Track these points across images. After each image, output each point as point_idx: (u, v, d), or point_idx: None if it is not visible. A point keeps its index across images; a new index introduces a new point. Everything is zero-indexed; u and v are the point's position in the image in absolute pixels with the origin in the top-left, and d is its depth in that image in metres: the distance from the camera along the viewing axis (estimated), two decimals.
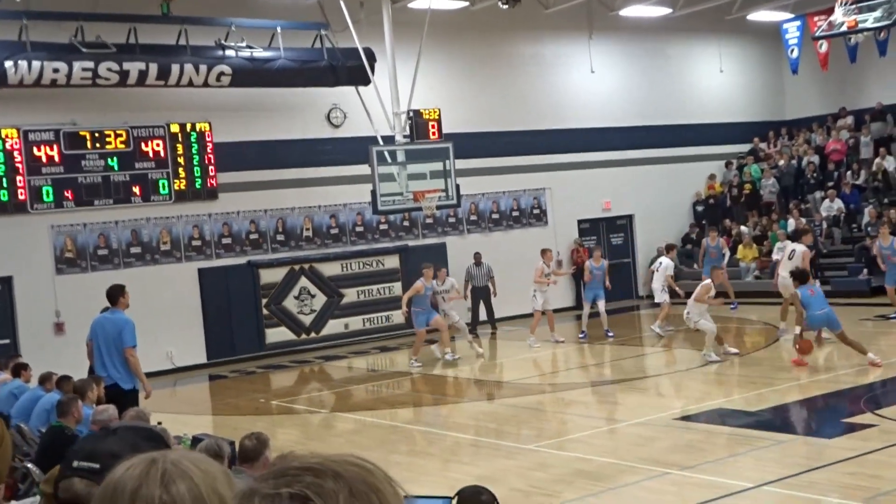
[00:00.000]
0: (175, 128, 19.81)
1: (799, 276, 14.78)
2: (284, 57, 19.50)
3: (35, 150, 18.50)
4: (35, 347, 17.16)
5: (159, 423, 7.94)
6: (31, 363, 12.93)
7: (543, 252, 19.38)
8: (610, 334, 19.15)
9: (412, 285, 17.99)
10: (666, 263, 19.41)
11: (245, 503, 1.21)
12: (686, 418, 11.64)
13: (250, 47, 19.21)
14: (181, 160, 19.89)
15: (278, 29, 19.52)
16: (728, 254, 21.93)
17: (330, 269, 21.73)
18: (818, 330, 14.98)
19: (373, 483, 1.25)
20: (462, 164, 19.50)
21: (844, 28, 19.39)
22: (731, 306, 20.81)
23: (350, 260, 21.97)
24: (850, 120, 26.83)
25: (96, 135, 19.02)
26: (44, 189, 18.58)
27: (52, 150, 18.63)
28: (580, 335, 19.40)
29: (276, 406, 15.52)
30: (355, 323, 21.74)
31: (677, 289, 19.06)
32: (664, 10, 24.62)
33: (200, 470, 1.56)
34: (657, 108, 26.53)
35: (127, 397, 10.40)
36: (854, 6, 19.31)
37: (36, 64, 17.09)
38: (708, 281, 15.71)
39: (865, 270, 22.00)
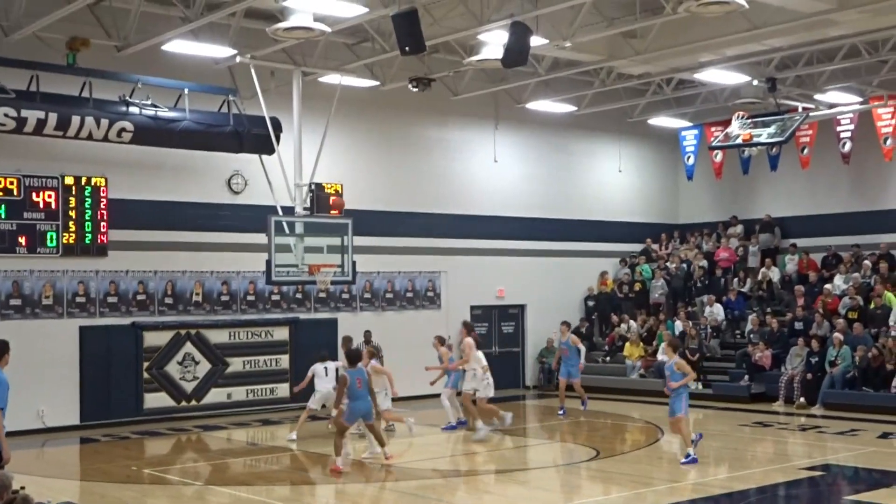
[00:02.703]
0: (69, 180, 19.35)
1: None
2: (189, 118, 19.33)
3: None
4: None
5: (22, 488, 7.56)
6: None
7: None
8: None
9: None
10: None
11: None
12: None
13: (155, 106, 18.99)
14: (73, 213, 19.38)
15: (186, 90, 19.39)
16: (583, 349, 21.22)
17: (217, 336, 21.33)
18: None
19: None
20: (360, 240, 19.51)
21: (740, 140, 20.15)
22: (582, 406, 20.71)
23: (239, 328, 21.62)
24: (739, 229, 27.79)
25: None
26: None
27: None
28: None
29: (147, 475, 14.97)
30: (238, 393, 21.30)
31: None
32: (569, 108, 25.28)
33: None
34: (556, 202, 27.09)
35: None
36: (750, 121, 20.16)
37: None
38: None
39: (746, 377, 22.57)
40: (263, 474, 15.40)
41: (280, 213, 18.30)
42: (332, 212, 18.98)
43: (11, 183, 18.73)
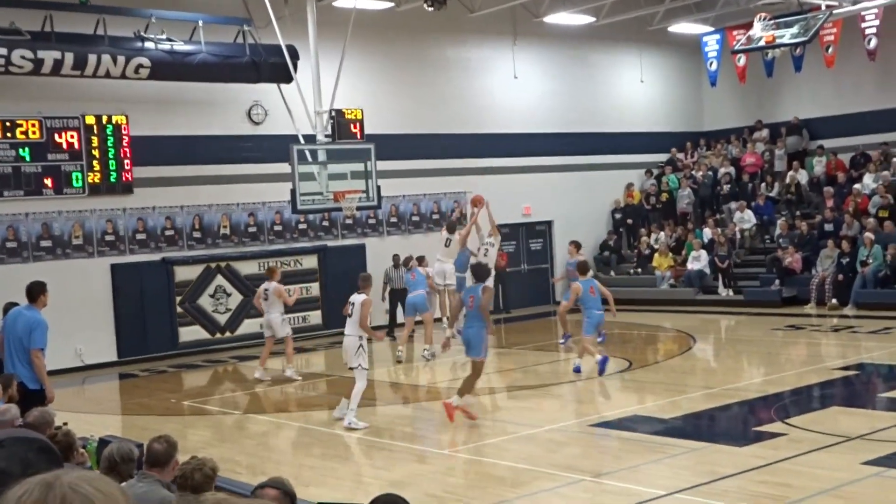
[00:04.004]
0: (90, 119, 19.29)
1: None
2: (205, 51, 19.14)
3: None
4: None
5: (65, 424, 7.66)
6: None
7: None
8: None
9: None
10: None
11: None
12: (601, 425, 11.70)
13: (170, 40, 18.81)
14: (96, 153, 19.37)
15: (200, 22, 19.18)
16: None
17: (247, 268, 21.40)
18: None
19: None
20: (383, 165, 19.34)
21: (762, 43, 19.74)
22: (561, 341, 18.82)
23: (268, 259, 21.67)
24: (765, 133, 27.40)
25: (7, 124, 18.42)
26: None
27: None
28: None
29: (187, 406, 15.20)
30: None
31: None
32: (588, 19, 24.83)
33: (101, 493, 1.43)
34: (578, 116, 26.76)
35: (33, 397, 10.03)
36: (772, 22, 19.69)
37: None
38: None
39: (777, 281, 22.47)
40: (301, 400, 15.57)
41: (302, 141, 18.16)
42: (473, 208, 18.95)
43: (33, 125, 18.70)
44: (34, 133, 18.72)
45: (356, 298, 12.59)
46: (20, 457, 1.78)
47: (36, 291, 10.74)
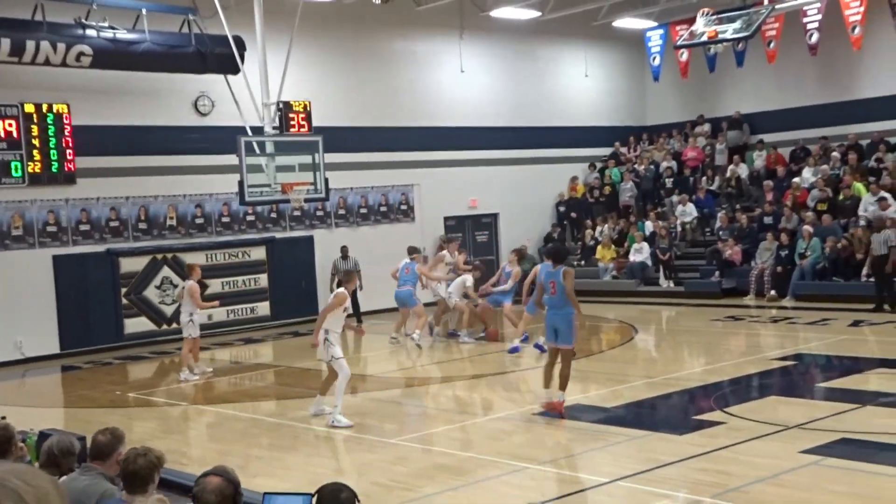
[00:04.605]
0: (30, 108, 18.93)
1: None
2: (150, 40, 18.81)
3: None
4: None
5: (3, 418, 7.50)
6: None
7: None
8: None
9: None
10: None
11: None
12: (544, 414, 11.76)
13: (113, 28, 18.44)
14: (36, 142, 19.01)
15: (143, 11, 18.84)
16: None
17: (194, 259, 21.02)
18: None
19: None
20: (331, 157, 19.26)
21: (705, 38, 19.94)
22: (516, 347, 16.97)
23: (215, 250, 21.51)
24: (707, 127, 27.73)
25: None
26: None
27: None
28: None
29: (133, 398, 15.01)
30: (219, 314, 21.16)
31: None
32: (534, 14, 24.91)
33: (30, 486, 1.40)
34: (524, 110, 26.88)
35: None
36: (715, 17, 19.90)
37: None
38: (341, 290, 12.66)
39: (717, 273, 22.77)
40: (248, 391, 15.46)
41: (249, 133, 17.99)
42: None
43: None
44: None
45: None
46: None
47: None
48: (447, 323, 19.19)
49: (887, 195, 21.21)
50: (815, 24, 23.60)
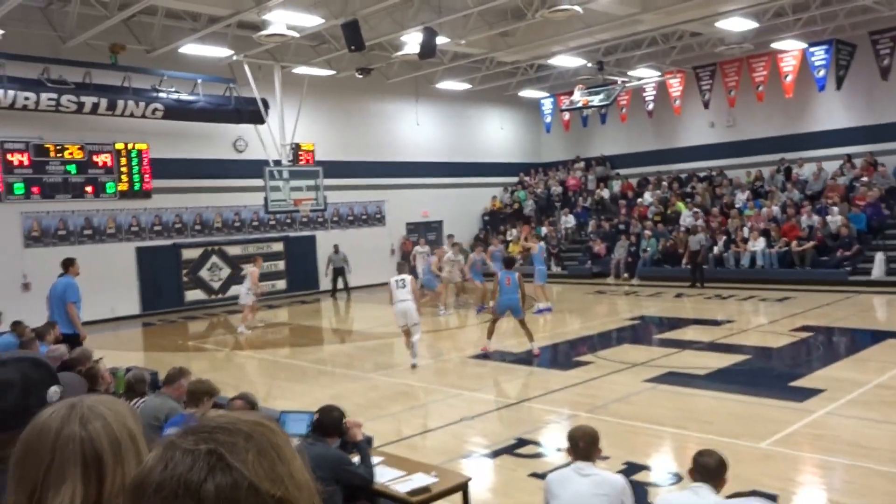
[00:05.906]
0: (120, 146, 18.45)
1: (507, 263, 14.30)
2: (203, 100, 18.50)
3: (9, 156, 16.86)
4: (7, 301, 15.64)
5: (101, 358, 7.29)
6: (5, 313, 11.77)
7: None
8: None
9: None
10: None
11: (167, 453, 0.98)
12: (476, 357, 11.74)
13: (177, 92, 18.11)
14: (124, 169, 18.55)
15: (199, 80, 18.51)
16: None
17: (233, 250, 20.85)
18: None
19: (275, 442, 1.02)
20: (328, 181, 19.12)
21: (580, 104, 20.12)
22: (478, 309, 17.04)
23: (248, 244, 21.15)
24: (582, 164, 27.90)
25: (58, 147, 17.49)
26: (15, 185, 16.96)
27: (22, 156, 17.03)
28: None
29: (191, 345, 14.71)
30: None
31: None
32: (466, 86, 24.84)
33: (112, 410, 1.33)
34: (460, 150, 26.82)
35: (69, 339, 9.55)
36: (587, 90, 20.07)
37: (10, 93, 15.56)
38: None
39: (589, 262, 22.93)
40: (271, 341, 15.23)
41: (271, 164, 17.80)
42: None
43: (79, 149, 17.82)
44: (78, 154, 17.82)
45: (406, 277, 11.43)
46: (20, 371, 1.65)
47: (67, 265, 10.46)
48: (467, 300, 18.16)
49: (699, 210, 21.55)
50: (651, 97, 23.95)
